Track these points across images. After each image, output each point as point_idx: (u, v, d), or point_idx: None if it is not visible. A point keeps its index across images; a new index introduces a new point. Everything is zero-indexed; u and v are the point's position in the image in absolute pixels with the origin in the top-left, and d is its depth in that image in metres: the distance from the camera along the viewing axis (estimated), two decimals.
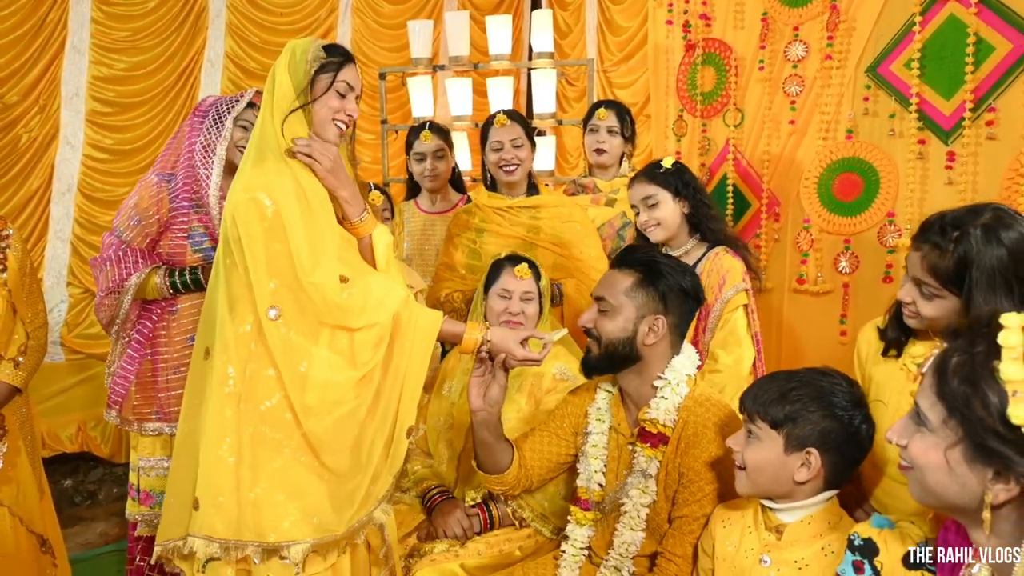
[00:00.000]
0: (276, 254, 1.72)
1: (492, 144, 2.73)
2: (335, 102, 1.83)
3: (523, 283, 2.33)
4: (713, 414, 1.80)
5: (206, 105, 2.45)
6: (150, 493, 2.50)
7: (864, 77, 2.88)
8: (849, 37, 2.91)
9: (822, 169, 2.99)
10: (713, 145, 3.39)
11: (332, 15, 4.47)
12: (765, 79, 3.17)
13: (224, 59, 4.45)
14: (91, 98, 4.33)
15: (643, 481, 1.81)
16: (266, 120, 1.80)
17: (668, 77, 3.52)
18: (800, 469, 1.52)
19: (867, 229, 2.87)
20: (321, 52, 1.82)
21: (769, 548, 1.56)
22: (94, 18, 4.29)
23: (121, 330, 2.46)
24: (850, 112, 2.91)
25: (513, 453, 1.98)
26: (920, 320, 1.60)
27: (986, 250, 1.43)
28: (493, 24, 3.63)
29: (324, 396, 1.73)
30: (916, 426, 1.13)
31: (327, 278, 1.74)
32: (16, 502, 2.42)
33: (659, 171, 2.38)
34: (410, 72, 3.77)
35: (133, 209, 2.40)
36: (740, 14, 3.27)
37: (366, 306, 1.76)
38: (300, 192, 1.76)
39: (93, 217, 4.34)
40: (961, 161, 2.61)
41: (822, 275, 2.98)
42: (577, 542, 1.94)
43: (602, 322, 1.84)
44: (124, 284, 2.35)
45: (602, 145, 3.04)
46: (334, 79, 1.82)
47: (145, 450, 2.50)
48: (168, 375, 2.45)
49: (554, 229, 2.73)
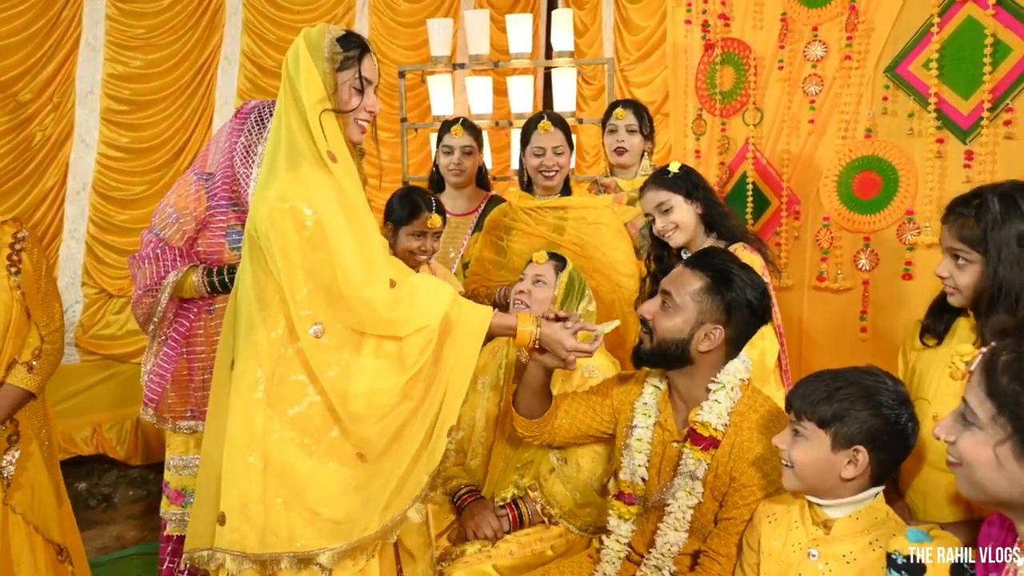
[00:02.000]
0: (317, 263, 1.68)
1: (534, 149, 2.76)
2: (356, 99, 1.78)
3: (537, 267, 2.36)
4: (764, 416, 1.82)
5: (248, 108, 2.45)
6: (181, 492, 2.50)
7: (883, 77, 2.93)
8: (868, 38, 2.96)
9: (841, 168, 3.04)
10: (732, 144, 3.43)
11: (349, 13, 4.48)
12: (784, 79, 3.22)
13: (241, 57, 4.42)
14: (106, 96, 4.28)
15: (690, 483, 1.81)
16: (292, 123, 1.73)
17: (687, 76, 3.56)
18: (847, 467, 1.54)
19: (886, 227, 2.92)
20: (337, 47, 1.75)
21: (817, 542, 1.58)
22: (109, 15, 4.24)
23: (158, 329, 2.46)
24: (869, 111, 2.96)
25: (550, 407, 2.02)
26: (959, 296, 1.72)
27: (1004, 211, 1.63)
28: (513, 23, 3.66)
29: (371, 402, 1.70)
30: (964, 423, 1.17)
31: (377, 292, 1.70)
32: (31, 510, 2.37)
33: (668, 176, 2.41)
34: (429, 70, 3.79)
35: (171, 207, 2.40)
36: (759, 14, 3.31)
37: (413, 314, 1.73)
38: (344, 200, 1.72)
39: (108, 216, 4.29)
40: (979, 160, 2.66)
41: (842, 272, 3.03)
42: (620, 537, 1.95)
43: (661, 317, 1.84)
44: (162, 282, 2.35)
45: (622, 144, 3.06)
46: (357, 75, 1.77)
47: (178, 448, 2.50)
48: (204, 375, 2.44)
49: (578, 230, 2.76)
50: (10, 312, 2.31)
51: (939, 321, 1.81)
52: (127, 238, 4.29)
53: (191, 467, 2.48)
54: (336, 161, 1.73)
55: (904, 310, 2.85)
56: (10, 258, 2.33)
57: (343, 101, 1.77)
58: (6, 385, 2.33)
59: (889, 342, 2.88)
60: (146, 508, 3.92)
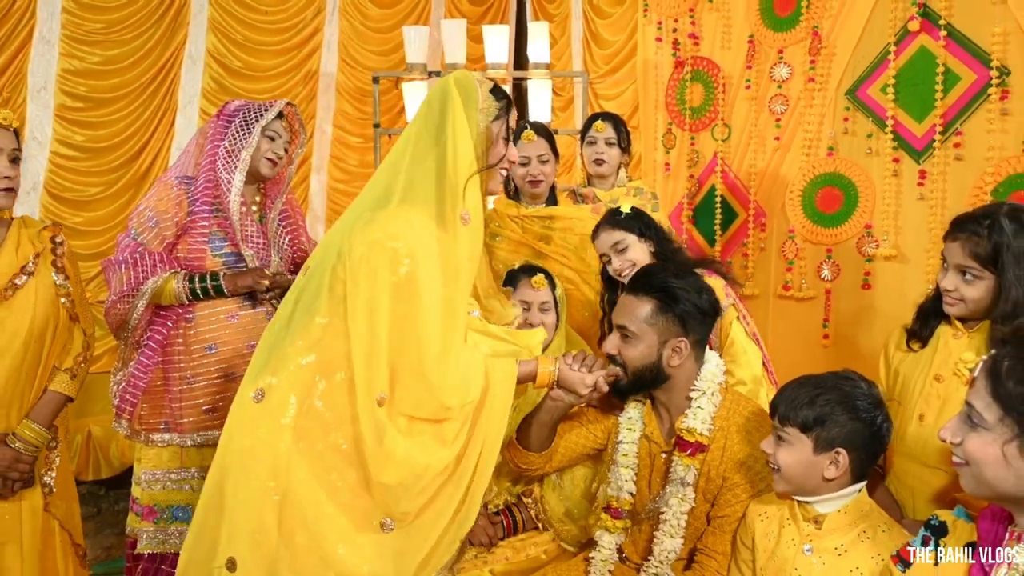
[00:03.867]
0: (401, 316, 1.59)
1: (520, 158, 2.82)
2: (502, 150, 1.75)
3: (540, 294, 2.39)
4: (748, 419, 1.94)
5: (231, 109, 2.38)
6: (154, 508, 2.39)
7: (844, 99, 3.12)
8: (830, 62, 3.15)
9: (806, 183, 3.22)
10: (701, 158, 3.59)
11: (319, 16, 4.44)
12: (752, 97, 3.39)
13: (206, 56, 4.32)
14: (61, 92, 4.13)
15: (682, 490, 1.90)
16: (429, 166, 1.66)
17: (657, 92, 3.70)
18: (829, 467, 1.67)
19: (847, 239, 3.12)
20: (492, 99, 1.70)
21: (811, 538, 1.71)
22: (65, 8, 4.09)
23: (132, 336, 2.37)
24: (831, 131, 3.16)
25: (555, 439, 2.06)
26: (962, 306, 1.85)
27: (1014, 230, 1.74)
28: (490, 33, 3.73)
29: (409, 474, 1.60)
30: (971, 425, 1.29)
31: (443, 379, 1.60)
32: (66, 517, 2.35)
33: (620, 217, 2.47)
34: (406, 77, 3.82)
35: (151, 210, 2.32)
36: (728, 35, 3.47)
37: (463, 396, 1.64)
38: (449, 263, 1.64)
39: (61, 218, 4.09)
40: (932, 179, 2.87)
41: (806, 282, 3.22)
42: (605, 548, 2.02)
43: (626, 349, 1.90)
44: (139, 288, 2.28)
45: (601, 156, 3.11)
46: (505, 126, 1.74)
47: (150, 462, 2.40)
48: (181, 385, 2.36)
49: (564, 240, 2.83)
50: (56, 319, 2.25)
51: (925, 327, 1.97)
52: (82, 241, 4.13)
53: (163, 482, 2.40)
54: (468, 224, 1.67)
55: (864, 318, 3.05)
56: (55, 264, 2.26)
57: (495, 154, 1.74)
58: (49, 391, 2.27)
59: (850, 348, 3.08)
60: (98, 526, 3.67)
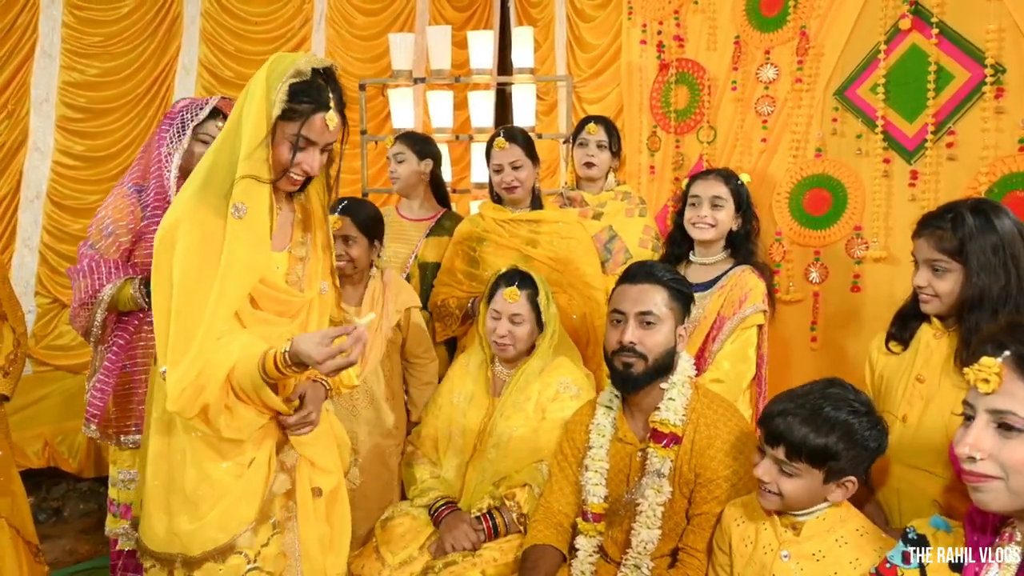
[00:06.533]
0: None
1: (493, 166, 2.82)
2: (288, 156, 1.73)
3: (512, 306, 2.37)
4: (723, 415, 1.95)
5: (175, 110, 2.42)
6: (131, 506, 2.43)
7: (832, 100, 3.08)
8: (818, 62, 3.11)
9: (793, 185, 3.19)
10: (687, 160, 3.56)
11: (306, 26, 4.50)
12: (737, 99, 3.36)
13: (198, 66, 4.41)
14: (62, 103, 4.22)
15: (657, 481, 1.92)
16: (225, 153, 1.69)
17: (641, 94, 3.68)
18: (837, 491, 1.68)
19: (836, 242, 3.07)
20: (285, 95, 1.68)
21: (788, 544, 1.70)
22: (65, 22, 4.19)
23: (99, 342, 2.42)
24: (819, 132, 3.11)
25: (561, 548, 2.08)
26: (937, 302, 1.85)
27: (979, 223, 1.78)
28: (475, 39, 3.74)
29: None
30: (1003, 433, 1.15)
31: (178, 378, 1.61)
32: (12, 513, 2.37)
33: (737, 182, 2.55)
34: (392, 84, 3.84)
35: (108, 219, 2.37)
36: (713, 37, 3.44)
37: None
38: (210, 246, 1.63)
39: (63, 225, 4.22)
40: (923, 179, 2.82)
41: (794, 285, 3.18)
42: (584, 552, 2.04)
43: (650, 336, 1.94)
44: (97, 295, 2.32)
45: (591, 159, 3.10)
46: (297, 132, 1.71)
47: (124, 463, 2.46)
48: (145, 388, 2.38)
49: (552, 244, 2.83)
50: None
51: (904, 329, 1.97)
52: None
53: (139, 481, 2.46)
54: (241, 217, 1.64)
55: (853, 321, 3.00)
56: None
57: (278, 155, 1.69)
58: None
59: (838, 351, 3.04)
60: (97, 522, 3.81)
